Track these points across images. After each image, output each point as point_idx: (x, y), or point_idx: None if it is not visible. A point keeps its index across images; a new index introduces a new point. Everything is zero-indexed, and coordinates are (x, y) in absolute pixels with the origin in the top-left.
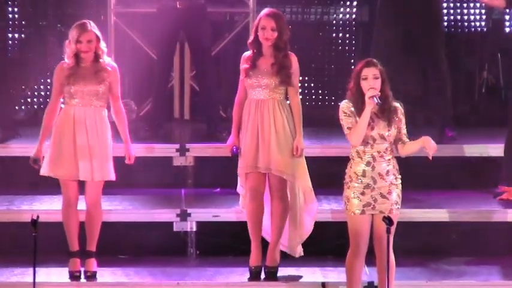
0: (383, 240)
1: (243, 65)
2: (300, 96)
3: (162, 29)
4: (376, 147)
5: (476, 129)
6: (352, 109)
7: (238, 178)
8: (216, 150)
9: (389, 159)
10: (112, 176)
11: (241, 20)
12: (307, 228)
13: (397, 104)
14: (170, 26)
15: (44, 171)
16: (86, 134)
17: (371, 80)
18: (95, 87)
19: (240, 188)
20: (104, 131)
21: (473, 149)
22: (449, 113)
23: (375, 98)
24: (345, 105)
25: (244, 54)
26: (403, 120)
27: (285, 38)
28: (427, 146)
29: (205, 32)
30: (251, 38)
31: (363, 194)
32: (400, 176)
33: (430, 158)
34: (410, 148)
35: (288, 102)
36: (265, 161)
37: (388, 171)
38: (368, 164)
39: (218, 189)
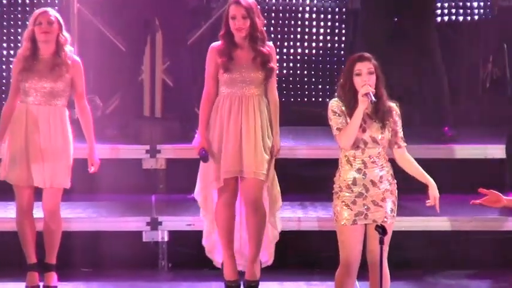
0: (376, 252)
1: (219, 58)
2: (284, 92)
3: (132, 16)
4: (368, 152)
5: (480, 128)
6: (343, 108)
7: (200, 183)
8: (190, 152)
9: (382, 165)
10: (66, 184)
11: (219, 6)
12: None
13: (392, 104)
14: (140, 13)
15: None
16: (39, 136)
17: (365, 76)
18: (50, 84)
19: (199, 194)
20: (59, 133)
21: (476, 150)
22: (447, 110)
23: (370, 95)
24: (335, 104)
25: (212, 45)
26: (399, 123)
27: (259, 26)
28: (430, 193)
29: (179, 19)
30: (222, 30)
31: (354, 203)
32: (395, 181)
33: (437, 209)
34: (413, 170)
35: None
36: (251, 165)
37: (381, 178)
38: (359, 171)
39: (192, 195)
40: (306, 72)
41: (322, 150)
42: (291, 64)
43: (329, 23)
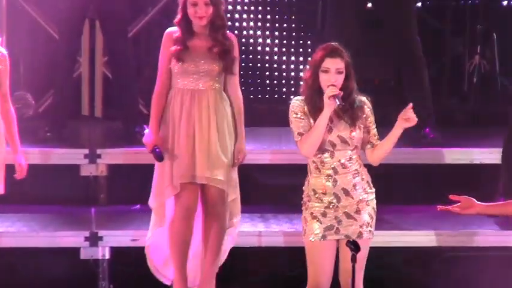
0: (350, 272)
1: (172, 47)
2: (243, 87)
3: (66, 1)
4: (338, 156)
5: (466, 129)
6: (306, 109)
7: (156, 188)
8: (135, 157)
9: (356, 170)
10: None
11: None
12: (223, 254)
13: (363, 98)
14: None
15: None
16: None
17: (333, 75)
18: None
19: (154, 200)
20: None
21: (461, 155)
22: (429, 109)
23: (336, 99)
24: (297, 104)
25: (168, 31)
26: (372, 118)
27: (221, 12)
28: (403, 120)
29: (120, 5)
30: (178, 16)
31: (324, 215)
32: (373, 190)
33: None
34: (383, 148)
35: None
36: (204, 169)
37: (355, 185)
38: (328, 177)
39: (138, 206)
40: (268, 65)
41: (287, 154)
42: (251, 56)
43: (294, 8)
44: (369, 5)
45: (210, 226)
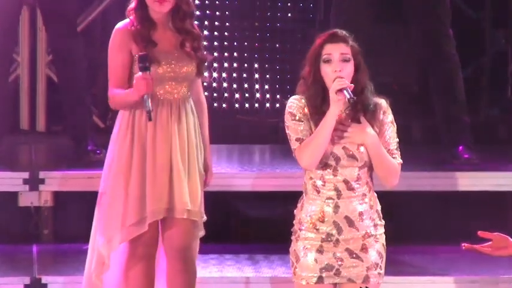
0: None
1: (134, 44)
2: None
3: None
4: (343, 173)
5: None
6: (306, 110)
7: (109, 228)
8: (87, 182)
9: (364, 194)
10: None
11: None
12: None
13: (379, 100)
14: None
15: None
16: None
17: (337, 63)
18: None
19: (100, 236)
20: None
21: (505, 180)
22: (464, 122)
23: (345, 92)
24: (295, 104)
25: (118, 26)
26: (390, 127)
27: None
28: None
29: None
30: (132, 3)
31: (320, 250)
32: (383, 222)
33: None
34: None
35: None
36: (184, 201)
37: (361, 214)
38: (329, 201)
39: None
40: (247, 65)
41: (281, 179)
42: (226, 53)
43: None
44: None
45: (179, 272)
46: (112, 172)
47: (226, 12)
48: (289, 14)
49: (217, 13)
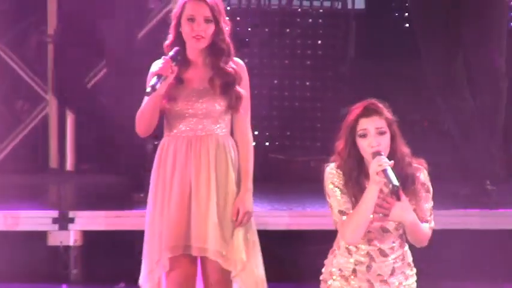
0: None
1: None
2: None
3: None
4: (377, 243)
5: None
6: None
7: (147, 264)
8: (116, 221)
9: (397, 256)
10: None
11: (160, 8)
12: None
13: (417, 167)
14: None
15: None
16: None
17: (374, 138)
18: None
19: (146, 279)
20: None
21: None
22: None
23: (387, 173)
24: (334, 174)
25: (152, 66)
26: (428, 195)
27: (225, 35)
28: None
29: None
30: (170, 37)
31: None
32: (414, 271)
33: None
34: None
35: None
36: (201, 238)
37: (393, 270)
38: (360, 263)
39: (123, 285)
40: (277, 103)
41: (311, 217)
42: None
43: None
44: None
45: None
46: (147, 210)
47: (255, 50)
48: (320, 52)
49: (245, 50)
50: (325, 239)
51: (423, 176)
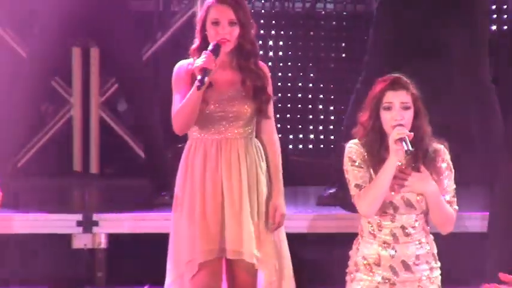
0: None
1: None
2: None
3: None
4: (400, 220)
5: None
6: (366, 156)
7: (173, 268)
8: (140, 224)
9: (420, 240)
10: None
11: (183, 11)
12: None
13: (438, 146)
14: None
15: None
16: None
17: (398, 112)
18: None
19: (173, 282)
20: None
21: None
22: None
23: (403, 143)
24: (354, 149)
25: (179, 65)
26: (449, 173)
27: (251, 35)
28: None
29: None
30: (196, 41)
31: None
32: (438, 264)
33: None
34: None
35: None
36: (236, 241)
37: (418, 257)
38: (385, 245)
39: None
40: (301, 106)
41: (336, 220)
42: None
43: (333, 34)
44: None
45: None
46: (172, 212)
47: (280, 53)
48: (343, 55)
49: (270, 54)
50: (350, 242)
51: (445, 154)
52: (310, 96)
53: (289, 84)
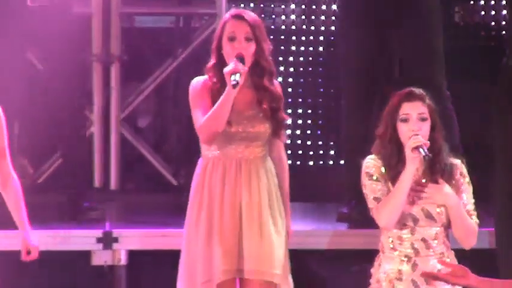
0: None
1: (210, 98)
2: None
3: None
4: (420, 232)
5: None
6: (383, 170)
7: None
8: (161, 240)
9: (442, 253)
10: None
11: (203, 27)
12: None
13: (455, 160)
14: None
15: None
16: None
17: (415, 123)
18: None
19: None
20: None
21: None
22: None
23: (421, 150)
24: (371, 163)
25: (195, 82)
26: (467, 188)
27: (267, 53)
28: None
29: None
30: (212, 60)
31: None
32: None
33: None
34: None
35: None
36: (255, 261)
37: (439, 272)
38: (407, 260)
39: None
40: (322, 122)
41: (352, 237)
42: (300, 110)
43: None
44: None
45: None
46: (185, 231)
47: (301, 69)
48: None
49: (291, 69)
50: (371, 259)
51: (462, 168)
52: (331, 115)
53: (307, 100)
